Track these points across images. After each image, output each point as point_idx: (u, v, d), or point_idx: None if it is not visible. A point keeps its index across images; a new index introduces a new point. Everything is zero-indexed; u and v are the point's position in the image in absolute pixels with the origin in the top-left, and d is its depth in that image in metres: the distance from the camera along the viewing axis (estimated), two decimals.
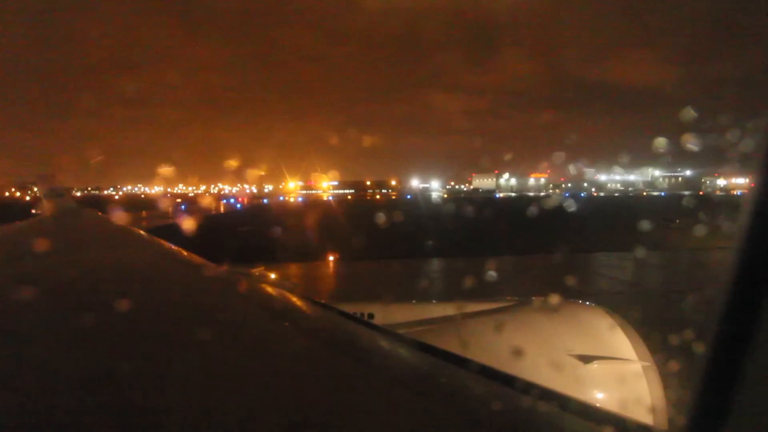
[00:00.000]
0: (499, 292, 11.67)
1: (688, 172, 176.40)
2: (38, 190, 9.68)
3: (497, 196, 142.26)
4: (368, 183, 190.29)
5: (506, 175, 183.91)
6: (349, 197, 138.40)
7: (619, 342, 3.43)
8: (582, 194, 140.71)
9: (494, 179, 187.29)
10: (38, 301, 2.35)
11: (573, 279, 13.87)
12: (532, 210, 24.07)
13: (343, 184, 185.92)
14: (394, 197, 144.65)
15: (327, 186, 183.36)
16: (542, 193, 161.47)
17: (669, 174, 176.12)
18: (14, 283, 2.95)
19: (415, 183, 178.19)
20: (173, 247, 4.82)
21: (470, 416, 1.38)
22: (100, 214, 8.52)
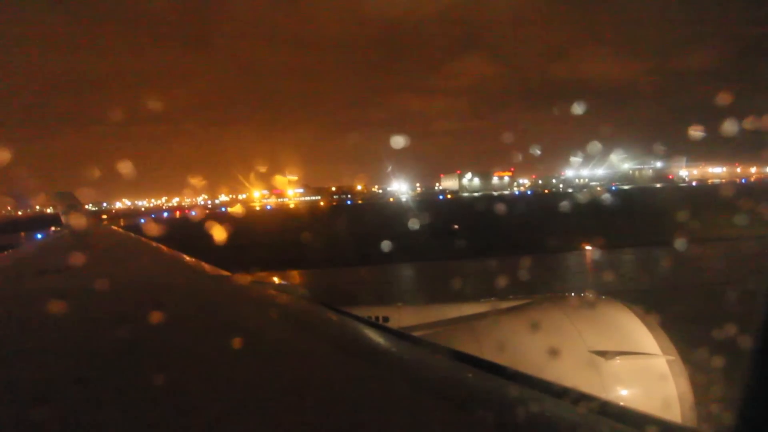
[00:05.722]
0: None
1: (658, 164, 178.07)
2: (57, 207, 10.20)
3: (441, 197, 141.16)
4: (333, 189, 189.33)
5: (469, 175, 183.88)
6: (292, 205, 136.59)
7: (641, 336, 3.28)
8: (529, 192, 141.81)
9: (457, 180, 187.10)
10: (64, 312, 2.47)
11: None
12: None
13: (309, 191, 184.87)
14: (359, 202, 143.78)
15: (293, 193, 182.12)
16: (506, 192, 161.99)
17: (639, 167, 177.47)
18: (41, 295, 3.16)
19: (380, 186, 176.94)
20: (187, 257, 4.99)
21: (491, 418, 1.36)
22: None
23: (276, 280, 4.04)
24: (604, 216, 37.96)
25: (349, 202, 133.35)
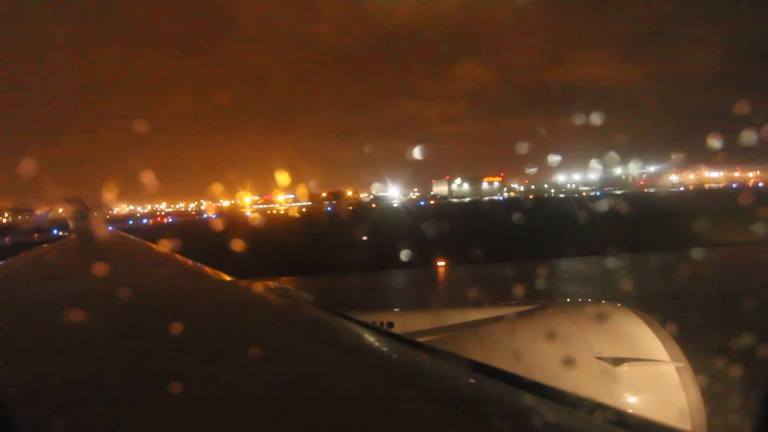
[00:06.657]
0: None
1: (651, 169, 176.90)
2: (64, 212, 10.18)
3: (422, 203, 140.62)
4: (324, 195, 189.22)
5: (458, 180, 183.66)
6: (270, 211, 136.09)
7: (649, 342, 3.19)
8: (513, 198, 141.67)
9: (447, 185, 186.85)
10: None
11: None
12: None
13: (300, 197, 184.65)
14: (351, 208, 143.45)
15: (283, 199, 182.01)
16: (495, 197, 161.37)
17: (631, 172, 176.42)
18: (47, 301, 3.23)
19: (377, 192, 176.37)
20: (194, 262, 4.99)
21: (500, 426, 1.34)
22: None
23: (271, 284, 3.98)
24: (553, 223, 37.14)
25: (329, 209, 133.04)
